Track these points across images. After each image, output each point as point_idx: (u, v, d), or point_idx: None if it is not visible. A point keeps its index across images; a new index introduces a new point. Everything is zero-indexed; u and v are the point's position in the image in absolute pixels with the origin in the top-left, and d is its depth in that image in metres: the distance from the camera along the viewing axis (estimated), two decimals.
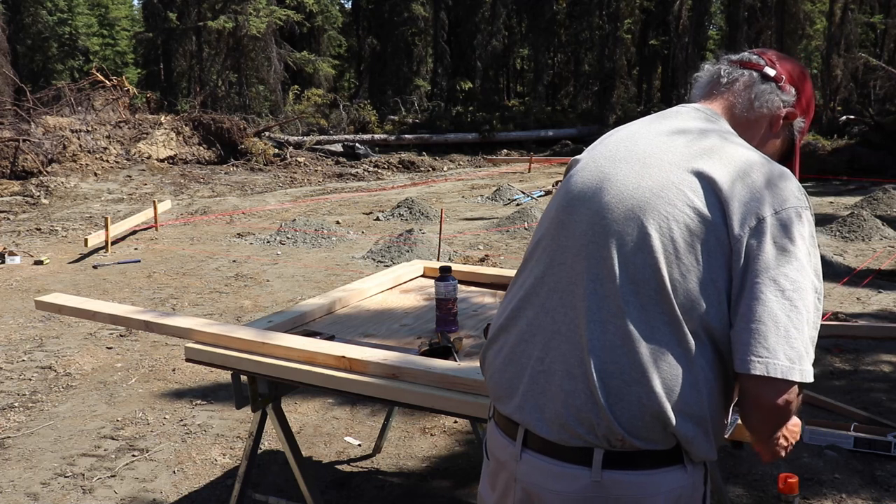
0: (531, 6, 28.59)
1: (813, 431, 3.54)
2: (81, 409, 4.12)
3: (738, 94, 1.46)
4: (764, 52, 1.52)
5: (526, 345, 1.37)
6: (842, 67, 24.16)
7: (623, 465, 1.27)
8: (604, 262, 1.29)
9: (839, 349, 4.92)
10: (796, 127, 1.50)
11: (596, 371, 1.27)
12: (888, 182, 13.10)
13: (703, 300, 1.25)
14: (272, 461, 3.47)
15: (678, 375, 1.25)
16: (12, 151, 13.73)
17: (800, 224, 1.26)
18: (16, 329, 5.62)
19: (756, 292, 1.22)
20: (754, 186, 1.27)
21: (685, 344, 1.25)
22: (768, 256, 1.23)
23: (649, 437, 1.26)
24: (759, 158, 1.34)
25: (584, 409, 1.28)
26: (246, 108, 24.62)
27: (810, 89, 1.52)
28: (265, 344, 2.18)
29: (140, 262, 7.99)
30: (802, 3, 26.51)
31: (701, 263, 1.25)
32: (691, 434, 1.27)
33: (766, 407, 1.23)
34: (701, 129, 1.39)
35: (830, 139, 18.28)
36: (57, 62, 37.45)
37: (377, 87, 29.63)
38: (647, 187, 1.30)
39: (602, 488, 1.27)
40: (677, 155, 1.33)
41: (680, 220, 1.26)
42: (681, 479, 1.29)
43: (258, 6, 25.05)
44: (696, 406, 1.26)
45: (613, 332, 1.27)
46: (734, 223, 1.24)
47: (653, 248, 1.26)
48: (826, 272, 7.20)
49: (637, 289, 1.26)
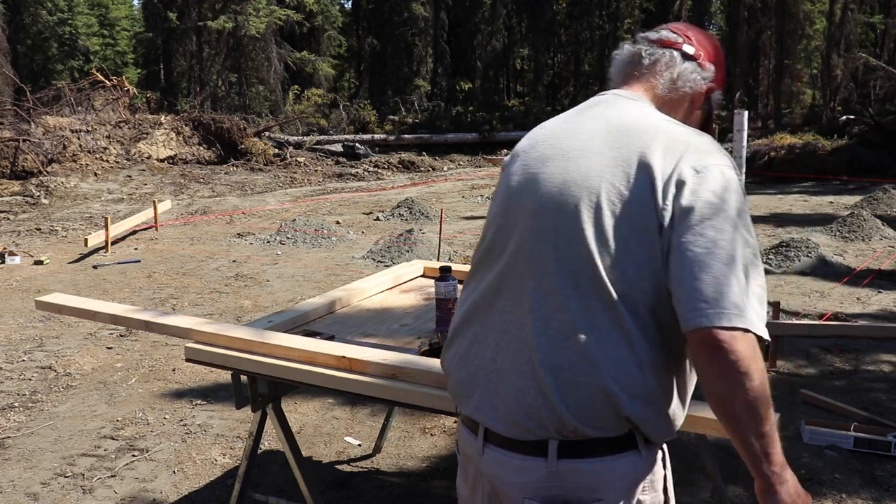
0: (531, 6, 28.59)
1: (813, 431, 3.54)
2: (81, 409, 4.11)
3: (659, 74, 1.47)
4: (680, 29, 1.52)
5: (479, 346, 1.40)
6: (842, 67, 24.16)
7: (577, 454, 1.30)
8: (543, 260, 1.32)
9: (839, 349, 4.92)
10: (714, 99, 1.53)
11: (543, 367, 1.30)
12: (888, 182, 13.10)
13: (640, 280, 1.26)
14: (272, 461, 3.47)
15: (623, 358, 1.27)
16: (12, 151, 13.73)
17: (724, 180, 1.27)
18: (16, 329, 5.62)
19: (683, 251, 1.22)
20: (676, 156, 1.28)
21: (626, 327, 1.26)
22: (692, 214, 1.23)
23: (602, 425, 1.29)
24: (679, 129, 1.36)
25: (535, 404, 1.31)
26: (246, 108, 24.62)
27: (722, 59, 1.55)
28: (265, 344, 2.18)
29: (140, 262, 7.99)
30: (802, 3, 26.51)
31: (634, 245, 1.26)
32: (644, 415, 1.29)
33: (718, 359, 1.19)
34: (620, 113, 1.40)
35: (830, 139, 18.27)
36: (57, 62, 37.44)
37: (377, 87, 29.64)
38: (573, 181, 1.33)
39: (559, 477, 1.31)
40: (597, 142, 1.35)
41: (607, 206, 1.28)
42: (636, 463, 1.32)
43: (258, 6, 25.05)
44: (644, 386, 1.28)
45: (557, 326, 1.29)
46: (659, 196, 1.25)
47: (585, 239, 1.28)
48: (826, 272, 7.20)
49: (575, 280, 1.28)
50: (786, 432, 3.64)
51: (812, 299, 6.32)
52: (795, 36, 27.12)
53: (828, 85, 24.33)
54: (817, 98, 28.46)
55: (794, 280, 7.03)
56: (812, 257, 7.48)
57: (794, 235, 8.61)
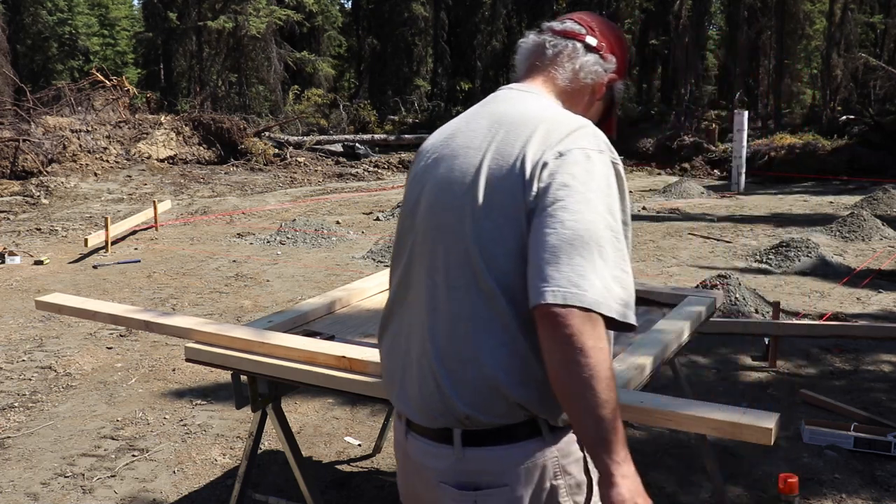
0: (531, 6, 28.58)
1: (813, 431, 3.54)
2: (81, 409, 4.11)
3: (561, 65, 1.49)
4: (584, 20, 1.53)
5: (398, 338, 1.47)
6: (842, 67, 24.15)
7: (481, 441, 1.33)
8: (433, 256, 1.38)
9: (839, 349, 4.92)
10: (616, 89, 1.56)
11: (435, 358, 1.35)
12: (888, 182, 13.10)
13: (516, 270, 1.28)
14: (272, 461, 3.47)
15: (506, 346, 1.30)
16: (12, 151, 13.73)
17: (587, 162, 1.28)
18: (16, 329, 5.62)
19: (537, 231, 1.24)
20: (547, 144, 1.30)
21: (506, 316, 1.29)
22: (548, 195, 1.25)
23: (494, 413, 1.32)
24: (561, 119, 1.37)
25: (434, 394, 1.36)
26: (246, 108, 24.63)
27: (625, 49, 1.56)
28: (265, 344, 2.18)
29: (140, 262, 7.99)
30: (802, 3, 26.50)
31: (509, 236, 1.29)
32: (535, 397, 1.31)
33: (553, 334, 1.19)
34: (509, 108, 1.42)
35: (830, 139, 18.27)
36: (57, 62, 37.45)
37: (377, 87, 29.64)
38: (456, 180, 1.37)
39: (466, 464, 1.35)
40: (480, 140, 1.38)
41: (484, 202, 1.31)
42: (541, 449, 1.33)
43: (258, 6, 25.06)
44: (524, 372, 1.30)
45: (444, 318, 1.35)
46: (527, 182, 1.28)
47: (465, 235, 1.32)
48: (826, 272, 7.20)
49: (459, 274, 1.33)
50: (786, 432, 3.64)
51: (812, 299, 6.32)
52: (795, 36, 27.10)
53: (828, 85, 24.32)
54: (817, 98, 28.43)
55: (794, 280, 7.03)
56: (812, 257, 7.48)
57: (794, 235, 8.62)
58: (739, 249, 8.61)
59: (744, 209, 12.18)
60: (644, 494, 1.24)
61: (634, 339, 2.27)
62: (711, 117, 24.66)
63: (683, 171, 18.06)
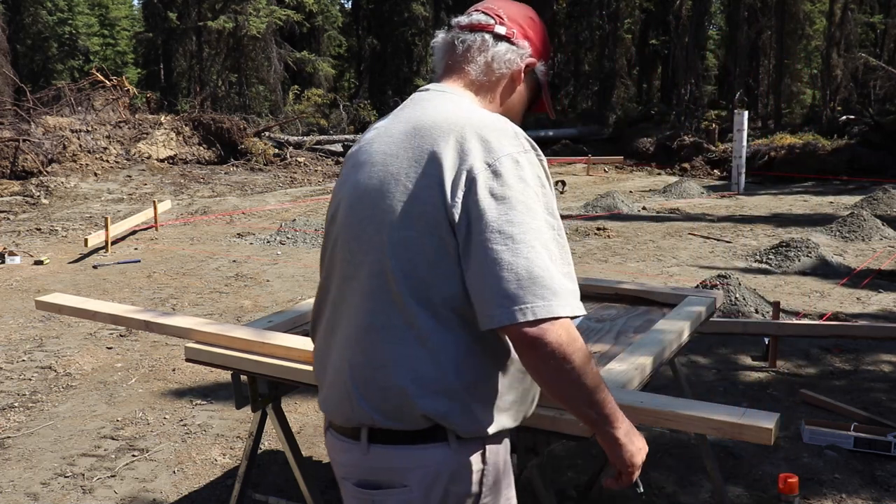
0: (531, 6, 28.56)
1: (813, 431, 3.54)
2: (81, 409, 4.11)
3: (472, 60, 1.47)
4: (490, 8, 1.50)
5: (324, 341, 1.49)
6: (842, 67, 24.16)
7: (386, 440, 1.36)
8: (350, 265, 1.38)
9: (839, 349, 4.92)
10: (539, 71, 1.52)
11: (348, 363, 1.38)
12: (888, 182, 13.10)
13: (435, 278, 1.28)
14: (272, 461, 3.47)
15: (417, 355, 1.30)
16: (12, 151, 13.73)
17: (517, 168, 1.28)
18: (16, 329, 5.62)
19: (484, 249, 1.23)
20: (466, 149, 1.29)
21: (420, 324, 1.29)
22: (488, 211, 1.24)
23: (400, 419, 1.33)
24: (475, 120, 1.34)
25: (344, 397, 1.39)
26: (246, 108, 24.63)
27: (540, 29, 1.53)
28: (265, 344, 2.18)
29: (140, 262, 7.99)
30: (802, 3, 26.51)
31: (427, 244, 1.27)
32: (444, 410, 1.31)
33: (536, 354, 1.23)
34: (424, 111, 1.40)
35: (830, 139, 18.27)
36: (57, 62, 37.45)
37: (377, 87, 29.65)
38: (373, 187, 1.36)
39: (371, 461, 1.38)
40: (396, 146, 1.37)
41: (400, 209, 1.30)
42: (443, 455, 1.34)
43: (258, 6, 25.06)
44: (442, 382, 1.30)
45: (357, 324, 1.36)
46: (448, 192, 1.26)
47: (381, 245, 1.31)
48: (826, 272, 7.20)
49: (373, 283, 1.33)
50: (786, 432, 3.64)
51: (812, 299, 6.32)
52: (795, 36, 27.11)
53: (828, 85, 24.34)
54: (817, 98, 28.44)
55: (794, 280, 7.03)
56: (812, 257, 7.48)
57: (794, 235, 8.62)
58: (739, 249, 8.61)
59: (744, 209, 12.18)
60: (644, 445, 1.39)
61: (634, 339, 2.27)
62: (711, 117, 24.68)
63: (683, 171, 18.06)
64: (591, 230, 9.78)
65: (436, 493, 1.34)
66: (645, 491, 3.15)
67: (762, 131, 22.03)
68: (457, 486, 1.36)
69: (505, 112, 1.48)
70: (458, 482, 1.35)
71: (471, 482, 1.36)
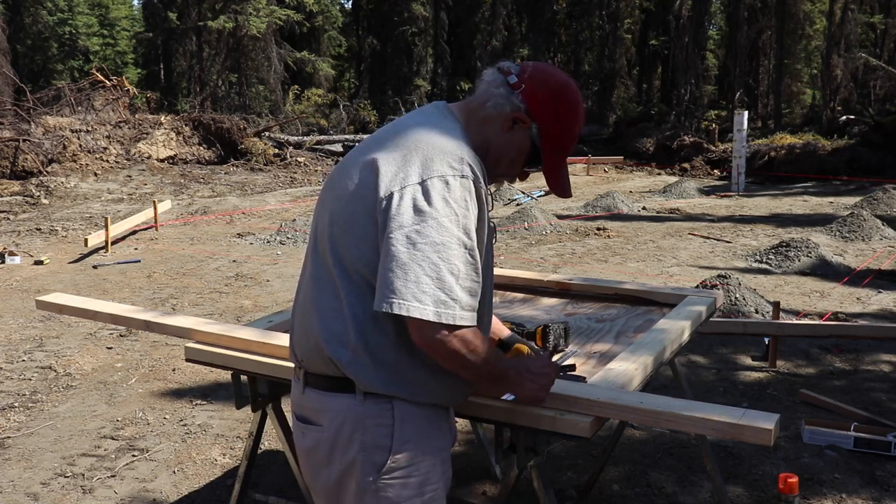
0: (531, 6, 28.59)
1: (813, 431, 3.54)
2: (81, 409, 4.11)
3: (479, 88, 1.67)
4: (526, 66, 1.66)
5: (297, 294, 1.75)
6: (842, 67, 24.16)
7: (312, 383, 1.63)
8: (313, 236, 1.67)
9: (839, 349, 4.92)
10: (534, 135, 1.63)
11: (296, 311, 1.69)
12: (888, 182, 13.11)
13: (356, 250, 1.53)
14: (272, 461, 3.47)
15: (332, 307, 1.56)
16: (12, 151, 13.73)
17: (444, 189, 1.47)
18: (16, 329, 5.62)
19: (389, 245, 1.46)
20: (409, 162, 1.51)
21: (338, 283, 1.55)
22: (404, 216, 1.46)
23: (316, 362, 1.59)
24: (433, 141, 1.54)
25: (293, 341, 1.70)
26: (246, 108, 24.63)
27: (562, 114, 1.63)
28: (265, 344, 2.18)
29: (140, 262, 7.99)
30: (802, 3, 26.52)
31: (356, 227, 1.53)
32: (345, 359, 1.54)
33: (438, 357, 1.49)
34: (405, 122, 1.63)
35: (830, 139, 18.29)
36: (57, 62, 37.46)
37: (377, 87, 29.64)
38: (337, 180, 1.62)
39: (305, 399, 1.65)
40: (378, 143, 1.59)
41: (343, 200, 1.57)
42: (349, 404, 1.56)
43: (258, 6, 25.07)
44: (345, 335, 1.54)
45: (307, 282, 1.65)
46: (380, 191, 1.50)
47: (326, 225, 1.59)
48: (826, 272, 7.20)
49: (318, 248, 1.62)
50: (786, 432, 3.64)
51: (812, 299, 6.32)
52: (795, 36, 27.13)
53: (828, 85, 24.34)
54: (817, 98, 28.45)
55: (794, 280, 7.03)
56: (812, 257, 7.48)
57: (794, 235, 8.62)
58: (739, 249, 8.62)
59: (744, 209, 12.18)
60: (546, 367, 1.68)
61: (635, 339, 2.27)
62: (711, 117, 24.68)
63: (683, 171, 18.07)
64: (591, 230, 9.78)
65: (343, 436, 1.56)
66: (645, 490, 3.15)
67: (762, 131, 22.03)
68: (363, 435, 1.55)
69: (492, 152, 1.63)
70: (364, 431, 1.55)
71: (376, 434, 1.55)
